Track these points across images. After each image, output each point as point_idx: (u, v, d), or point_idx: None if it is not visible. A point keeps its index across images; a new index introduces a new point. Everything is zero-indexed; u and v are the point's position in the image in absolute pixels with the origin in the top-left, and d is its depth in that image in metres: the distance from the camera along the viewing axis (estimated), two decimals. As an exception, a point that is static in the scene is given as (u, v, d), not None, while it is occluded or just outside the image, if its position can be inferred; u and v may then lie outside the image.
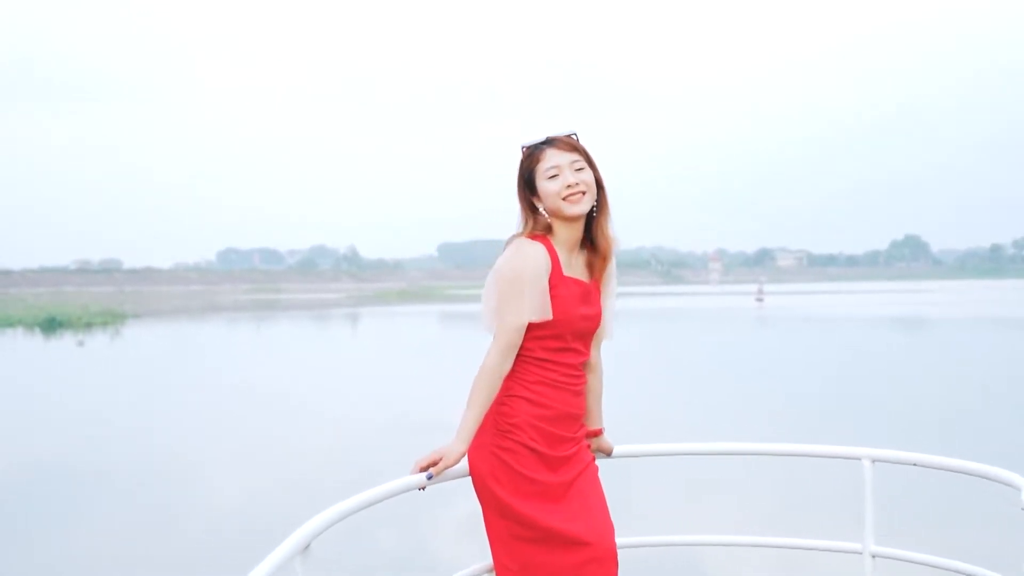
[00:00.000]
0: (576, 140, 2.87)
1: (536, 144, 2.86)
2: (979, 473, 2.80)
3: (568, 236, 2.85)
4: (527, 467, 2.74)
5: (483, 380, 2.71)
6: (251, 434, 14.13)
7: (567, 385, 2.82)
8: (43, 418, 16.08)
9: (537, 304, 2.72)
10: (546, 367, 2.78)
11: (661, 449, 3.30)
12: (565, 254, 2.84)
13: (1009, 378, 20.35)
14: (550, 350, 2.78)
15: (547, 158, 2.82)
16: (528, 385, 2.77)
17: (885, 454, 2.99)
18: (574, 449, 2.85)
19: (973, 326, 37.49)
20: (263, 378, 21.43)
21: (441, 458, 2.65)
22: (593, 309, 2.88)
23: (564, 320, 2.77)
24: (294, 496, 9.93)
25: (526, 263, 2.72)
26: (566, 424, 2.82)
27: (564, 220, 2.82)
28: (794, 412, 15.39)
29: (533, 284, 2.71)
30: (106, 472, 11.50)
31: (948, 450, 11.27)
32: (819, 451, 3.15)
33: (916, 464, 2.95)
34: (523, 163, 2.88)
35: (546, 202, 2.81)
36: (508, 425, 2.75)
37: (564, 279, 2.80)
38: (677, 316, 48.41)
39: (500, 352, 2.71)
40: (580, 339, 2.86)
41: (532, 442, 2.74)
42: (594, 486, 2.87)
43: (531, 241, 2.78)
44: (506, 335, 2.71)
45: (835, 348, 28.48)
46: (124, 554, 8.06)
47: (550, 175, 2.80)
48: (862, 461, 2.96)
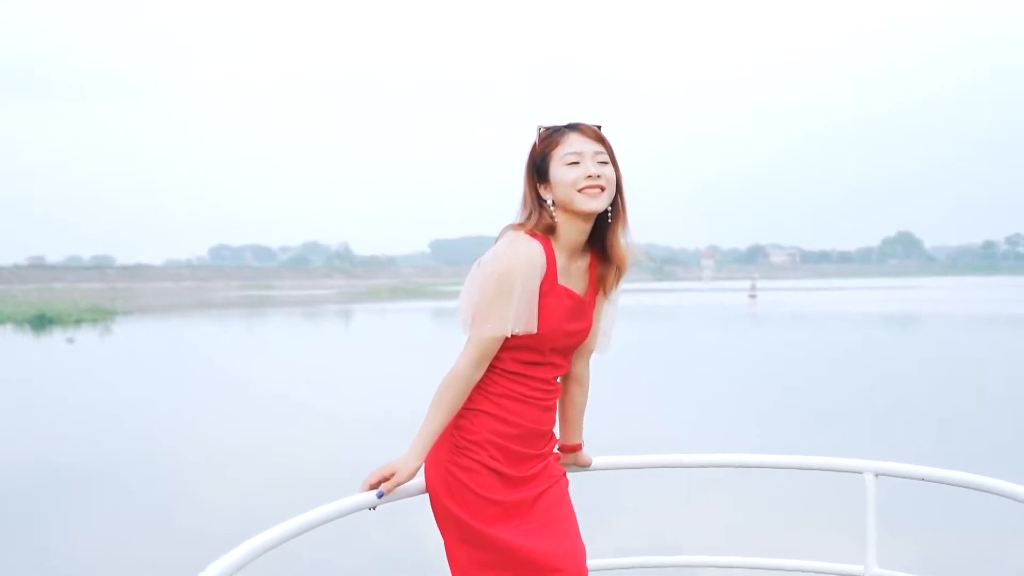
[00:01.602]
0: (602, 132, 2.52)
1: (558, 127, 2.50)
2: (988, 488, 2.57)
3: (572, 239, 2.47)
4: (486, 488, 2.42)
5: (450, 389, 2.39)
6: (243, 431, 14.03)
7: (537, 400, 2.49)
8: (34, 416, 15.92)
9: (523, 313, 2.37)
10: (516, 380, 2.46)
11: (647, 461, 3.01)
12: (564, 259, 2.48)
13: (1003, 376, 20.31)
14: (524, 363, 2.46)
15: (569, 143, 2.45)
16: (493, 398, 2.45)
17: (889, 467, 2.78)
18: (540, 466, 2.52)
19: (966, 323, 37.49)
20: (255, 375, 21.31)
21: (393, 473, 2.36)
22: (581, 324, 2.53)
23: (546, 335, 2.43)
24: (286, 494, 9.88)
25: (520, 261, 2.36)
26: (531, 442, 2.50)
27: (573, 217, 2.44)
28: (786, 411, 15.32)
29: (523, 289, 2.35)
30: (97, 470, 11.39)
31: (942, 448, 11.15)
32: (818, 464, 2.92)
33: (923, 479, 2.72)
34: (538, 145, 2.50)
35: (557, 192, 2.43)
36: (466, 442, 2.43)
37: (556, 288, 2.45)
38: (669, 313, 48.33)
39: (473, 361, 2.39)
40: (560, 354, 2.53)
41: (492, 461, 2.43)
42: (562, 503, 2.54)
43: (528, 237, 2.41)
44: (483, 344, 2.38)
45: (828, 345, 28.44)
46: (119, 552, 8.00)
47: (569, 161, 2.42)
48: (864, 475, 2.76)
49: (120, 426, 14.70)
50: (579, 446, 2.77)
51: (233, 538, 7.35)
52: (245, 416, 15.62)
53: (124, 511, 9.36)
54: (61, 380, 21.61)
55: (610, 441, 12.66)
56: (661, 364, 23.54)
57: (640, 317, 44.72)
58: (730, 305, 55.78)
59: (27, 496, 9.99)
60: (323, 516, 2.23)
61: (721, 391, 17.79)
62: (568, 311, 2.47)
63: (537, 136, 2.50)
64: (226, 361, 26.06)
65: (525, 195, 2.52)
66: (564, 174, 2.42)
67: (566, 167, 2.43)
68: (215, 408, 16.61)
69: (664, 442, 12.81)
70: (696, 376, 20.65)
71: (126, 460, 11.99)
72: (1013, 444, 12.47)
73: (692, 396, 17.36)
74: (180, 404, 17.02)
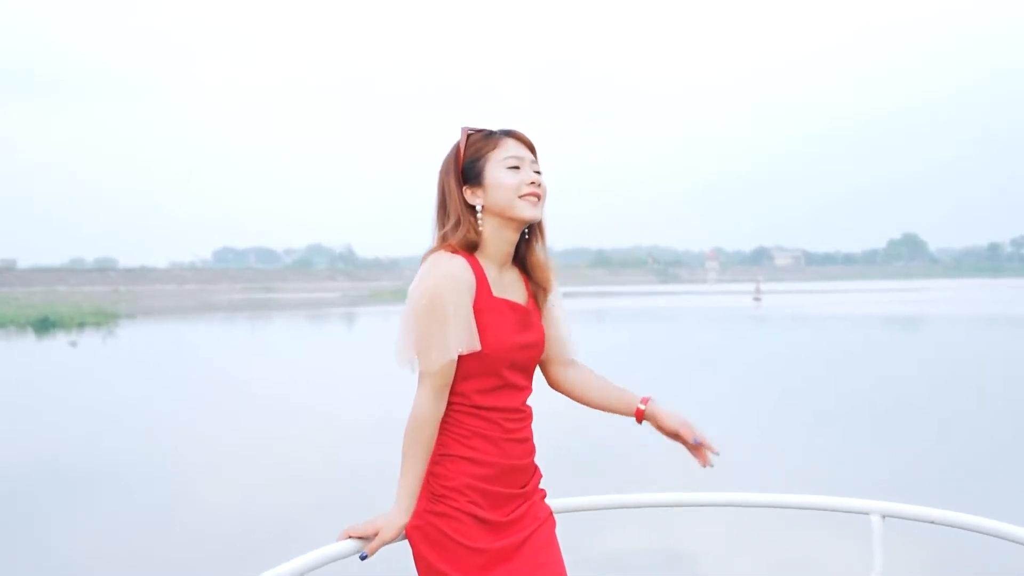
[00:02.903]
0: None
1: (491, 130, 2.39)
2: (1003, 535, 2.41)
3: (500, 250, 2.35)
4: (468, 536, 2.27)
5: (417, 433, 2.25)
6: (243, 431, 13.99)
7: (510, 433, 2.34)
8: (34, 417, 15.90)
9: (462, 332, 2.22)
10: (483, 416, 2.31)
11: (636, 500, 2.87)
12: (495, 271, 2.35)
13: (1005, 377, 20.23)
14: (485, 391, 2.31)
15: (508, 146, 2.35)
16: (463, 440, 2.30)
17: (897, 509, 2.60)
18: (524, 507, 2.38)
19: (971, 325, 37.37)
20: (259, 377, 21.27)
21: (377, 532, 2.23)
22: (533, 336, 2.39)
23: (497, 351, 2.29)
24: (290, 495, 9.87)
25: (444, 281, 2.21)
26: (511, 479, 2.35)
27: (503, 225, 2.33)
28: (787, 412, 15.24)
29: (456, 307, 2.21)
30: (97, 470, 11.36)
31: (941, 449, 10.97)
32: (822, 503, 2.74)
33: (933, 522, 2.55)
34: (467, 146, 2.36)
35: (494, 195, 2.31)
36: (444, 489, 2.29)
37: (494, 301, 2.31)
38: (673, 315, 48.23)
39: (430, 397, 2.25)
40: (520, 372, 2.38)
41: (472, 507, 2.28)
42: (549, 547, 2.39)
43: (449, 255, 2.27)
44: (434, 377, 2.24)
45: (832, 347, 28.35)
46: (119, 552, 7.97)
47: (510, 165, 2.32)
48: (871, 517, 2.59)
49: (120, 426, 14.67)
50: (645, 401, 2.61)
51: (233, 538, 7.26)
52: (245, 416, 15.58)
53: (124, 511, 9.33)
54: (62, 381, 21.58)
55: (610, 443, 12.62)
56: (662, 365, 23.46)
57: (644, 319, 44.64)
58: (734, 307, 55.65)
59: (27, 496, 9.97)
60: (301, 566, 2.09)
61: (723, 392, 17.71)
62: (514, 323, 2.34)
63: (464, 137, 2.38)
64: (227, 362, 26.03)
65: (447, 201, 2.37)
66: (505, 177, 2.31)
67: (507, 170, 2.32)
68: (215, 408, 16.58)
69: (657, 449, 12.72)
70: (697, 377, 20.57)
71: (126, 460, 11.96)
72: (1013, 444, 12.41)
73: (692, 397, 17.28)
74: (181, 404, 17.00)
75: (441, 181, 2.39)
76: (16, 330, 41.07)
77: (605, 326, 40.54)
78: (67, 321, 43.95)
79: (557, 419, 15.08)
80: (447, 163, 2.40)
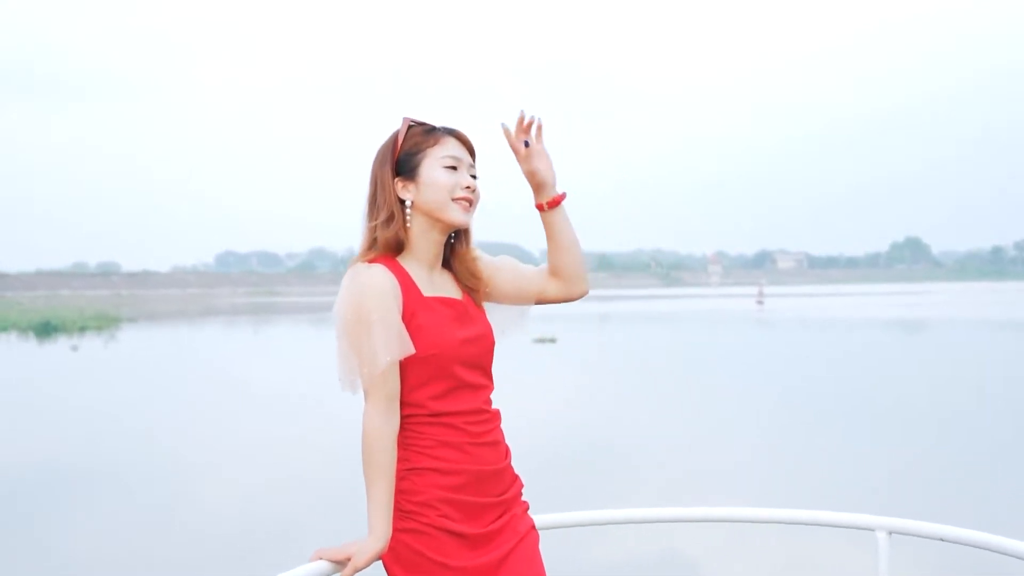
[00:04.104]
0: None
1: (434, 125, 2.27)
2: (1011, 552, 2.32)
3: (428, 251, 2.24)
4: (443, 553, 2.12)
5: (372, 453, 2.10)
6: (247, 433, 13.96)
7: (477, 437, 2.20)
8: (34, 417, 15.88)
9: (393, 339, 2.09)
10: (444, 422, 2.17)
11: (628, 516, 2.74)
12: (424, 272, 2.23)
13: (1007, 380, 20.16)
14: (441, 396, 2.17)
15: (448, 145, 2.23)
16: (427, 451, 2.16)
17: (903, 525, 2.50)
18: (504, 519, 2.22)
19: (974, 329, 37.28)
20: (259, 379, 21.26)
21: (350, 557, 2.09)
22: (476, 329, 2.25)
23: (442, 350, 2.15)
24: (290, 495, 9.85)
25: (364, 294, 2.09)
26: (486, 487, 2.20)
27: (432, 226, 2.22)
28: (787, 414, 15.18)
29: (381, 314, 2.08)
30: (98, 470, 11.34)
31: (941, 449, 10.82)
32: (825, 519, 2.65)
33: (942, 539, 2.44)
34: (408, 138, 2.24)
35: (427, 194, 2.20)
36: (413, 505, 2.14)
37: (426, 301, 2.19)
38: (676, 319, 48.18)
39: (379, 412, 2.11)
40: (473, 369, 2.23)
41: (445, 521, 2.13)
42: (532, 565, 2.23)
43: (366, 265, 2.15)
44: (377, 390, 2.11)
45: (835, 350, 28.28)
46: (119, 552, 7.95)
47: (448, 164, 2.21)
48: (876, 533, 2.50)
49: (121, 427, 14.65)
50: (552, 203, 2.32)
51: (233, 538, 7.22)
52: (245, 417, 15.57)
53: (124, 511, 9.31)
54: (63, 384, 21.57)
55: (610, 446, 12.59)
56: (664, 368, 23.41)
57: (647, 322, 44.58)
58: (737, 311, 55.58)
59: (28, 497, 9.95)
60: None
61: (725, 395, 17.66)
62: (451, 319, 2.21)
63: (405, 128, 2.26)
64: (229, 364, 26.02)
65: (379, 192, 2.24)
66: (441, 177, 2.20)
67: (444, 169, 2.21)
68: (216, 409, 16.56)
69: (658, 451, 12.70)
70: (699, 380, 20.51)
71: (126, 460, 11.94)
72: (1012, 444, 12.38)
73: (693, 399, 17.23)
74: (181, 405, 16.98)
75: (374, 170, 2.27)
76: (18, 334, 41.09)
77: (608, 329, 40.49)
78: (69, 325, 43.95)
79: (557, 422, 15.00)
80: (383, 153, 2.27)
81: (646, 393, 18.06)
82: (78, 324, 44.52)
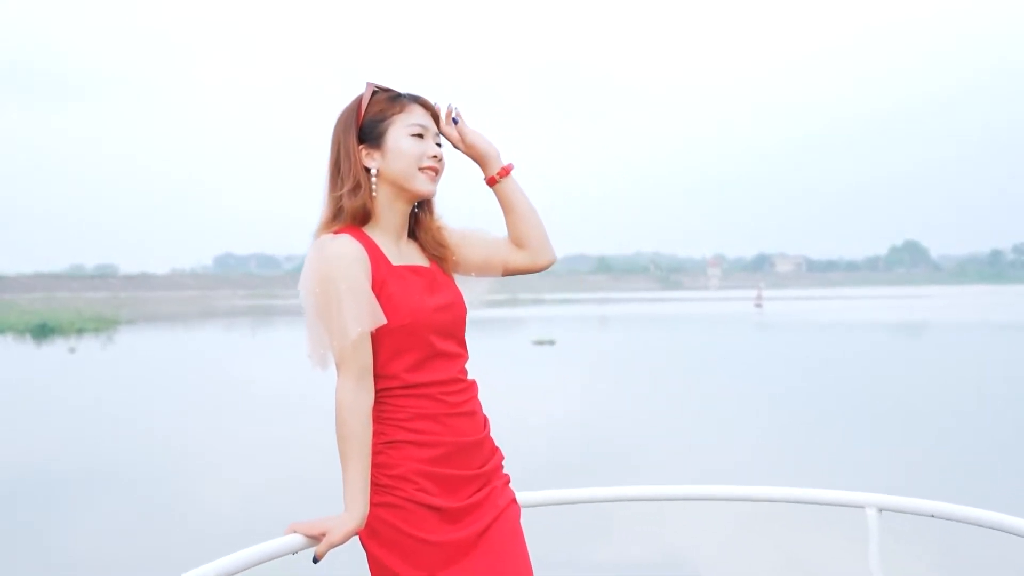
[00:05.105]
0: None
1: (399, 92, 2.21)
2: (1003, 527, 2.31)
3: (393, 221, 2.20)
4: (421, 527, 2.08)
5: (346, 428, 2.04)
6: (247, 433, 13.93)
7: (454, 407, 2.15)
8: (34, 418, 15.85)
9: (364, 309, 2.04)
10: (420, 393, 2.13)
11: (618, 494, 2.69)
12: (391, 241, 2.19)
13: (1007, 380, 20.17)
14: (415, 367, 2.12)
15: (415, 113, 2.19)
16: (404, 424, 2.11)
17: (894, 502, 2.46)
18: (483, 492, 2.18)
19: (973, 331, 37.27)
20: (261, 382, 21.23)
21: (325, 533, 2.04)
22: (447, 296, 2.21)
23: (414, 319, 2.11)
24: (290, 495, 9.86)
25: (331, 264, 2.04)
26: (463, 458, 2.15)
27: (397, 196, 2.18)
28: (785, 414, 15.16)
29: (349, 284, 2.04)
30: (97, 470, 11.32)
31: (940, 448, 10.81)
32: (816, 497, 2.60)
33: (933, 515, 2.42)
34: (373, 104, 2.18)
35: (394, 163, 2.15)
36: (389, 478, 2.09)
37: (396, 269, 2.14)
38: (675, 321, 48.16)
39: (352, 386, 2.05)
40: (448, 337, 2.19)
41: (423, 495, 2.08)
42: (513, 539, 2.19)
43: (332, 236, 2.10)
44: (349, 364, 2.05)
45: (834, 353, 28.28)
46: (119, 551, 7.94)
47: (415, 132, 2.17)
48: (867, 510, 2.46)
49: (119, 428, 14.63)
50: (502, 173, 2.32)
51: (233, 538, 7.15)
52: (245, 417, 15.53)
53: (123, 512, 9.29)
54: (60, 384, 21.52)
55: (609, 447, 12.57)
56: (663, 370, 23.39)
57: (646, 325, 44.57)
58: (736, 314, 55.58)
59: (26, 497, 9.92)
60: (242, 561, 1.94)
61: (723, 396, 17.64)
62: (422, 287, 2.17)
63: (369, 93, 2.19)
64: (228, 364, 26.01)
65: (342, 161, 2.18)
66: (409, 145, 2.16)
67: (411, 138, 2.17)
68: (215, 409, 16.53)
69: (658, 453, 12.67)
70: (698, 382, 20.49)
71: (124, 461, 11.92)
72: (1013, 444, 12.38)
73: (693, 400, 17.22)
74: (179, 406, 16.95)
75: (337, 137, 2.20)
76: (15, 336, 41.03)
77: (607, 332, 40.48)
78: (66, 327, 43.86)
79: (556, 424, 14.98)
80: (346, 118, 2.20)
81: (645, 395, 18.04)
82: (76, 326, 44.42)
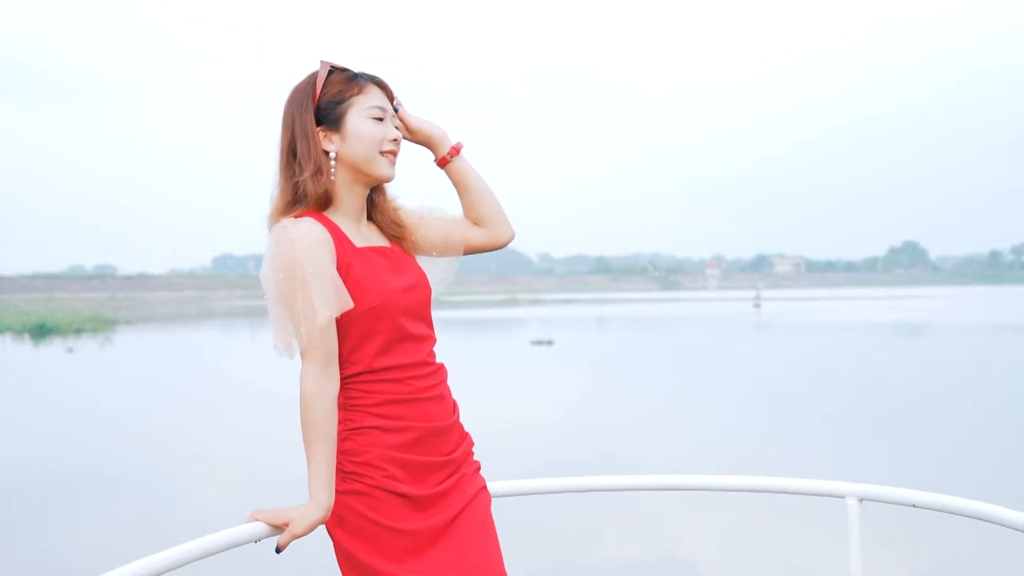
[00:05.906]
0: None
1: (356, 72, 2.14)
2: (982, 515, 2.27)
3: (352, 205, 2.14)
4: (389, 515, 2.02)
5: (310, 414, 1.96)
6: (249, 436, 13.88)
7: (422, 392, 2.09)
8: (33, 418, 15.81)
9: (330, 293, 1.98)
10: (387, 376, 2.06)
11: (593, 484, 2.62)
12: (352, 224, 2.13)
13: (1006, 381, 20.15)
14: (383, 351, 2.06)
15: (373, 95, 2.11)
16: (371, 409, 2.04)
17: (874, 491, 2.40)
18: (453, 479, 2.12)
19: (972, 332, 37.28)
20: (260, 382, 21.18)
21: (288, 523, 1.98)
22: (411, 277, 2.15)
23: (383, 300, 2.05)
24: (290, 495, 9.69)
25: (295, 249, 1.97)
26: (433, 444, 2.09)
27: (356, 179, 2.12)
28: (782, 415, 15.14)
29: (314, 268, 1.96)
30: (97, 470, 11.29)
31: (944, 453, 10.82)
32: (796, 487, 2.53)
33: (913, 505, 2.36)
34: (330, 85, 2.11)
35: (355, 146, 2.08)
36: (355, 465, 2.02)
37: (360, 251, 2.08)
38: (674, 322, 48.16)
39: (317, 373, 1.97)
40: (415, 319, 2.13)
41: (391, 482, 2.02)
42: (483, 528, 2.14)
43: (293, 220, 2.02)
44: (314, 348, 1.97)
45: (833, 354, 28.26)
46: (119, 552, 7.87)
47: (375, 115, 2.10)
48: (846, 500, 2.40)
49: (117, 428, 14.59)
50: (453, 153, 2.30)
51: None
52: (244, 416, 15.50)
53: (122, 512, 9.26)
54: (58, 384, 21.49)
55: (607, 447, 12.54)
56: (662, 370, 23.37)
57: (645, 326, 44.55)
58: (734, 315, 55.58)
59: (24, 498, 9.90)
60: (199, 549, 1.85)
61: (721, 396, 17.62)
62: (387, 268, 2.11)
63: (324, 71, 2.12)
64: (226, 364, 26.02)
65: (300, 144, 2.09)
66: (369, 128, 2.09)
67: (371, 121, 2.10)
68: (214, 409, 16.49)
69: (656, 453, 12.65)
70: (697, 382, 20.47)
71: (123, 461, 11.88)
72: (1013, 444, 12.37)
73: (691, 400, 17.20)
74: (178, 406, 16.91)
75: (291, 119, 2.11)
76: (13, 337, 40.99)
77: (606, 332, 40.46)
78: (64, 327, 43.80)
79: (554, 424, 14.94)
80: (300, 99, 2.11)
81: (643, 395, 18.02)
82: (74, 326, 44.37)
